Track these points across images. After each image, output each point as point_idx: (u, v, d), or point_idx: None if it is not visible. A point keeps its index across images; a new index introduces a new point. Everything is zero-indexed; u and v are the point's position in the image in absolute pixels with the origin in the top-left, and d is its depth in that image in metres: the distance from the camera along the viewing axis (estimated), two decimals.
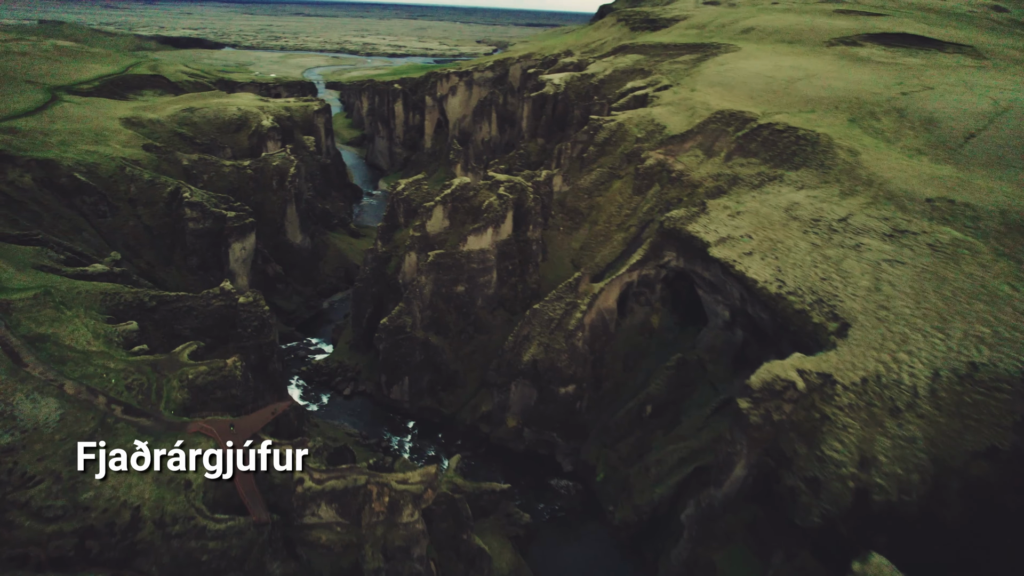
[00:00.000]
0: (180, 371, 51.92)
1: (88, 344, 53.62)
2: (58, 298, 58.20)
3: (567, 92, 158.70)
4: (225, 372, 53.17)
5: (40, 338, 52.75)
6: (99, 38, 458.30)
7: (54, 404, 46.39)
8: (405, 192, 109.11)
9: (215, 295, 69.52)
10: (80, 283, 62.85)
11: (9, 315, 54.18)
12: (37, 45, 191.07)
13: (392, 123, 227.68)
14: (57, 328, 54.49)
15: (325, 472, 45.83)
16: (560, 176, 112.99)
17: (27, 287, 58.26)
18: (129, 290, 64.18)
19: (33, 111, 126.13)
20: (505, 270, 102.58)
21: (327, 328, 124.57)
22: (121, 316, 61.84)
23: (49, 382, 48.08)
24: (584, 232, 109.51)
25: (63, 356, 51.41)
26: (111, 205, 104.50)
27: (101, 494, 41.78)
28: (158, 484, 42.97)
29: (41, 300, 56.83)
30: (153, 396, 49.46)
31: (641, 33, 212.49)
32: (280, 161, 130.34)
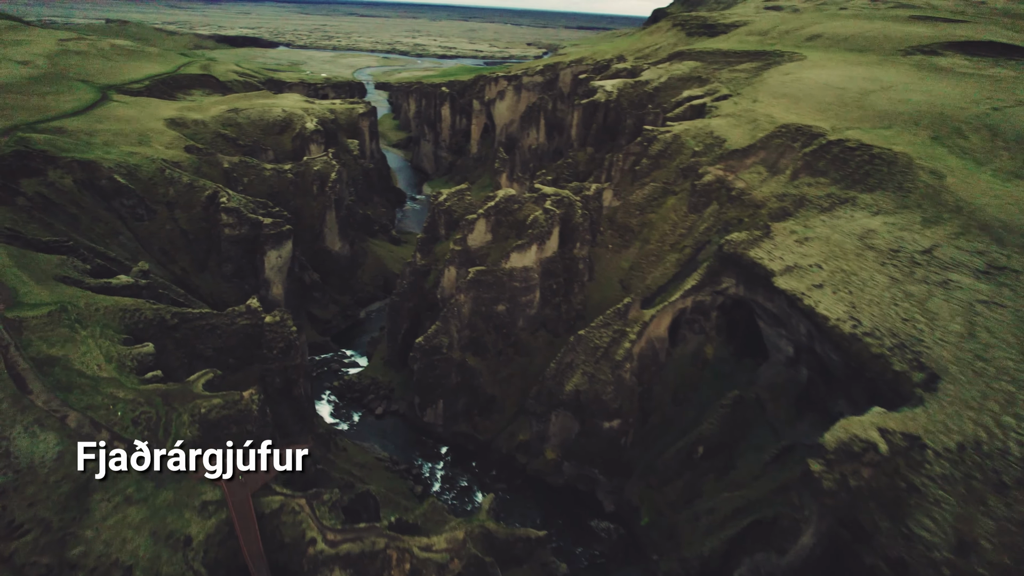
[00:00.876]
0: (192, 404, 47.68)
1: (99, 369, 49.85)
2: (74, 315, 54.76)
3: (619, 100, 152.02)
4: (240, 406, 48.74)
5: (50, 360, 49.16)
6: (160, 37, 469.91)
7: (53, 440, 42.48)
8: (447, 203, 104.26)
9: (240, 313, 65.63)
10: (100, 298, 59.51)
11: (21, 334, 50.80)
12: (95, 44, 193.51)
13: (438, 127, 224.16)
14: (69, 350, 50.90)
15: (340, 532, 40.79)
16: (611, 190, 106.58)
17: (44, 303, 55.01)
18: (150, 307, 60.63)
19: (81, 110, 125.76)
20: (549, 289, 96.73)
21: (362, 340, 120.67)
22: (140, 335, 58.21)
23: (52, 413, 44.29)
24: (634, 251, 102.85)
25: (71, 382, 47.66)
26: (149, 208, 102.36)
27: (91, 550, 37.49)
28: (154, 539, 38.52)
29: (56, 318, 53.42)
30: (160, 432, 45.22)
31: (698, 39, 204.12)
32: (321, 166, 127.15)
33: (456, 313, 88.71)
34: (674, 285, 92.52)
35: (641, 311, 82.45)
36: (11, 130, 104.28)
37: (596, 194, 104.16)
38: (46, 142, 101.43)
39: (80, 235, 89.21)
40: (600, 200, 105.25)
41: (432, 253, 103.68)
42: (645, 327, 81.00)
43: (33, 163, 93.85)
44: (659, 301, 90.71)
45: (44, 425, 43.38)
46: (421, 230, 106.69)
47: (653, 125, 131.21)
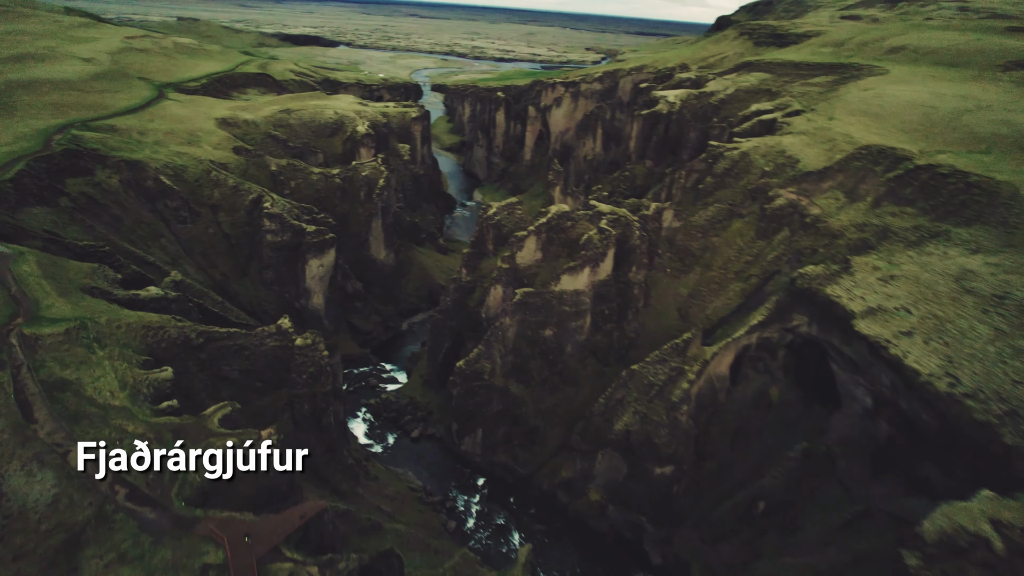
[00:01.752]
0: (205, 443, 43.38)
1: (111, 396, 46.07)
2: (93, 333, 51.32)
3: (682, 111, 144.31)
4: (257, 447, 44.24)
5: (61, 385, 45.62)
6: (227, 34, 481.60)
7: (50, 480, 38.61)
8: (496, 216, 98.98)
9: (270, 334, 61.56)
10: (125, 313, 56.18)
11: (35, 353, 47.50)
12: (158, 42, 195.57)
13: (492, 132, 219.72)
14: (83, 373, 47.33)
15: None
16: (671, 210, 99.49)
17: (64, 318, 51.77)
18: (175, 324, 57.07)
19: (136, 108, 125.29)
20: (600, 315, 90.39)
21: (403, 353, 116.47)
22: (162, 356, 54.57)
23: (54, 448, 40.55)
24: (695, 277, 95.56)
25: (80, 411, 43.96)
26: (192, 211, 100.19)
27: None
28: None
29: (74, 336, 50.04)
30: (167, 477, 40.97)
31: (767, 49, 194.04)
32: (370, 171, 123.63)
33: (500, 337, 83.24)
34: (737, 318, 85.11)
35: (702, 348, 75.37)
36: (66, 127, 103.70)
37: (656, 214, 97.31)
38: (97, 140, 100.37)
39: (121, 237, 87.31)
40: (660, 221, 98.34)
41: (478, 269, 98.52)
42: (706, 366, 73.93)
43: (82, 162, 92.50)
44: (720, 335, 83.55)
45: (43, 462, 39.59)
46: (469, 243, 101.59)
47: (718, 140, 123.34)
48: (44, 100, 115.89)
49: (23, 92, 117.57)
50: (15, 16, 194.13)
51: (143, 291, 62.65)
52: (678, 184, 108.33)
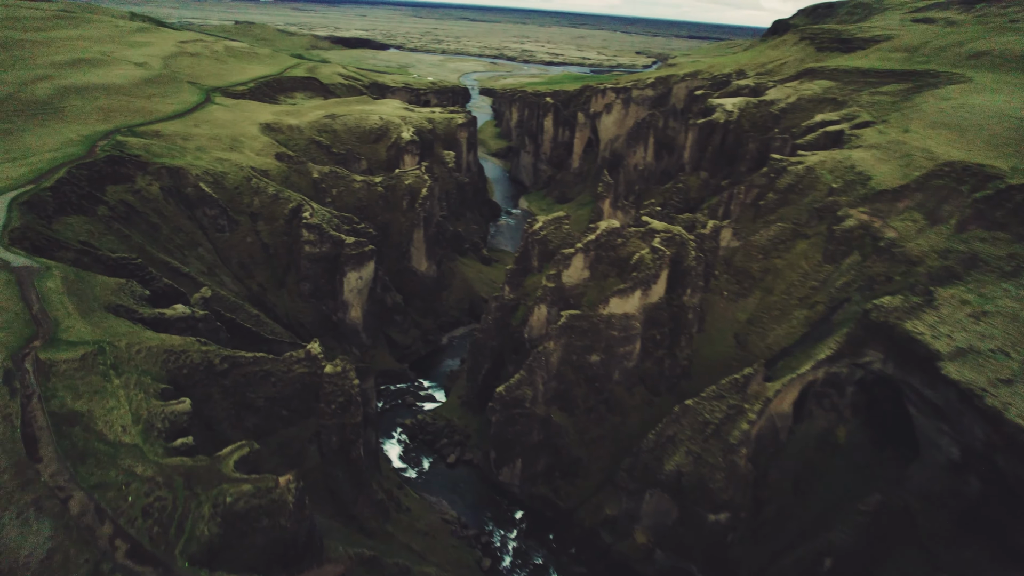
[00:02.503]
0: (217, 490, 39.61)
1: (122, 431, 42.75)
2: (111, 359, 48.28)
3: (740, 121, 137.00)
4: (274, 495, 40.26)
5: (71, 418, 42.55)
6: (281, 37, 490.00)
7: (47, 531, 35.24)
8: (542, 231, 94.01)
9: (298, 360, 57.92)
10: (147, 335, 53.18)
11: (47, 381, 44.59)
12: (210, 46, 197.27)
13: (540, 138, 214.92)
14: (95, 404, 44.20)
15: None
16: (730, 229, 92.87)
17: (82, 341, 48.92)
18: (199, 348, 53.84)
19: (182, 113, 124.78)
20: (651, 340, 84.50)
21: (442, 369, 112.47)
22: (183, 383, 51.30)
23: (55, 492, 37.28)
24: (754, 301, 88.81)
25: (87, 449, 40.73)
26: (231, 219, 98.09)
27: None
28: None
29: (90, 362, 47.06)
30: (173, 529, 37.24)
31: (830, 54, 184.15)
32: (413, 180, 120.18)
33: (543, 363, 78.15)
34: (801, 349, 78.13)
35: (764, 384, 68.86)
36: (111, 133, 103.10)
37: (713, 232, 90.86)
38: (141, 146, 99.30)
39: (157, 247, 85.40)
40: (717, 240, 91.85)
41: (522, 287, 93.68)
42: (768, 404, 67.44)
43: (124, 169, 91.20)
44: (782, 367, 76.72)
45: (42, 509, 36.28)
46: (513, 260, 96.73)
47: (780, 153, 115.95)
48: (94, 105, 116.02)
49: (75, 97, 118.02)
50: (80, 21, 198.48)
51: (169, 310, 59.71)
52: (737, 200, 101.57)
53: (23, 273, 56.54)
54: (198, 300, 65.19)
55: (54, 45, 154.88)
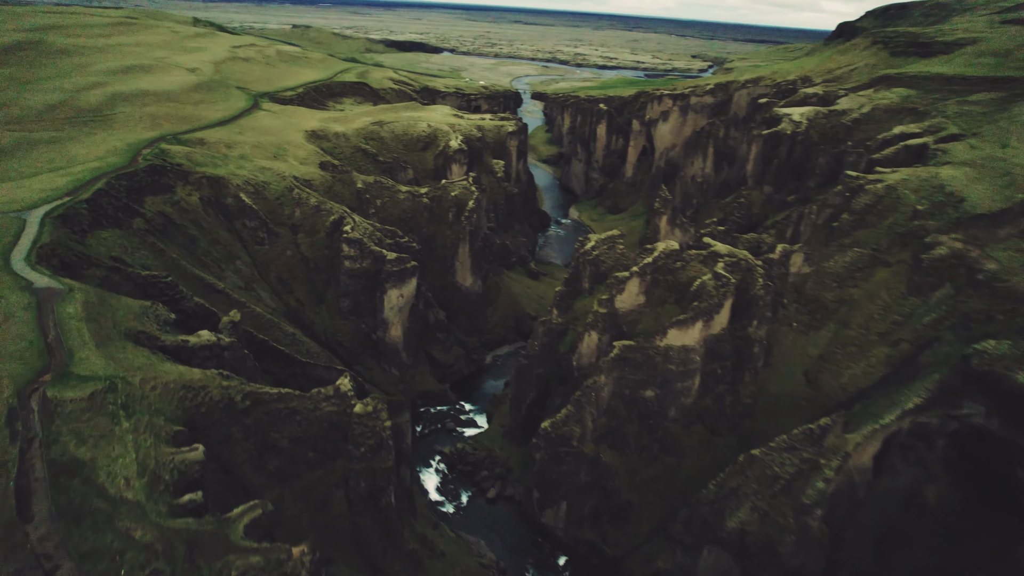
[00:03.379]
0: (223, 562, 34.99)
1: (125, 486, 38.60)
2: (123, 397, 44.41)
3: (808, 132, 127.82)
4: (286, 568, 35.45)
5: (72, 467, 38.66)
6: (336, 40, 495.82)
7: None
8: (595, 251, 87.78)
9: (326, 397, 53.28)
10: (165, 368, 49.31)
11: (52, 423, 40.88)
12: (262, 51, 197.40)
13: (592, 146, 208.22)
14: (100, 451, 40.24)
15: None
16: (801, 254, 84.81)
17: (93, 376, 45.20)
18: (220, 384, 49.72)
19: (228, 120, 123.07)
20: (712, 375, 77.36)
21: (485, 391, 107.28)
22: (201, 423, 47.17)
23: (41, 559, 33.15)
24: (827, 335, 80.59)
25: (84, 506, 36.67)
26: (271, 231, 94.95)
27: None
28: None
29: (99, 402, 43.24)
30: None
31: (907, 59, 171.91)
32: (460, 191, 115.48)
33: (593, 398, 71.96)
34: (883, 393, 69.74)
35: (843, 437, 61.11)
36: (156, 141, 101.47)
37: (783, 258, 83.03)
38: (183, 155, 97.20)
39: (193, 261, 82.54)
40: (787, 266, 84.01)
41: (572, 310, 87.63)
42: (847, 460, 59.77)
43: (164, 179, 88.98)
44: (860, 411, 68.64)
45: None
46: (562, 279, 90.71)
47: (855, 168, 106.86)
48: (142, 112, 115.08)
49: (124, 104, 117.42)
50: (141, 28, 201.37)
51: (193, 337, 55.91)
52: (807, 220, 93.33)
53: (44, 296, 53.45)
54: (226, 324, 61.30)
55: (112, 51, 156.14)
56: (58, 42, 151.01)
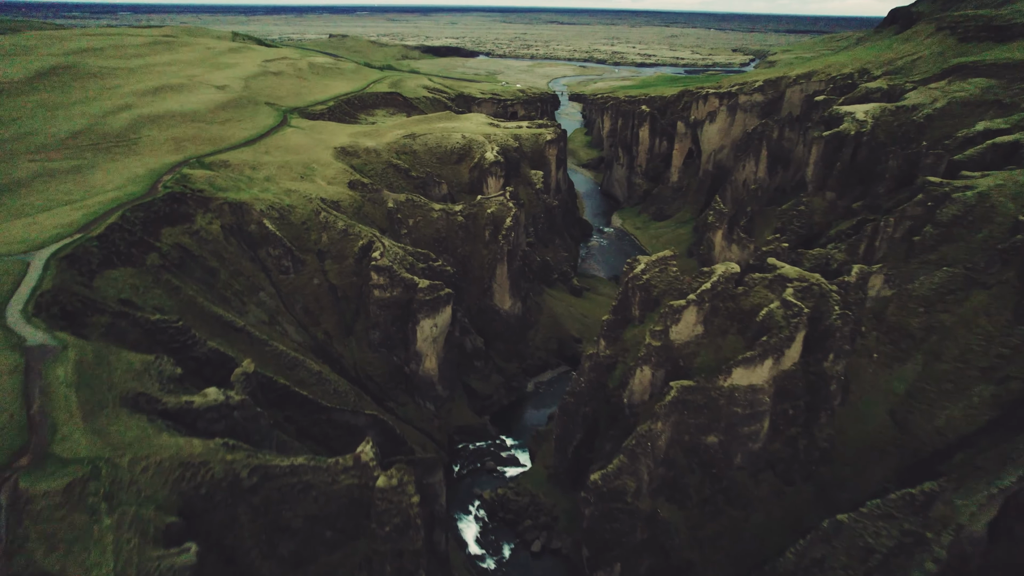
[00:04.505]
0: None
1: None
2: (107, 484, 38.38)
3: (875, 132, 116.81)
4: None
5: None
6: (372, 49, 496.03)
7: None
8: (645, 275, 79.42)
9: (345, 468, 46.55)
10: (161, 442, 43.23)
11: (19, 524, 35.05)
12: (294, 64, 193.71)
13: (635, 150, 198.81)
14: (72, 559, 34.19)
15: None
16: (881, 276, 74.90)
17: (76, 459, 39.40)
18: (223, 458, 43.50)
19: (254, 139, 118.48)
20: (782, 415, 68.36)
21: (526, 422, 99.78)
22: (200, 507, 40.91)
23: None
24: (915, 368, 70.63)
25: None
26: (296, 259, 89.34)
27: None
28: None
29: (78, 492, 37.29)
30: None
31: (979, 45, 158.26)
32: (496, 208, 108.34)
33: (648, 448, 63.78)
34: (991, 441, 59.88)
35: (953, 504, 51.68)
36: (178, 165, 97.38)
37: (860, 280, 73.33)
38: (205, 180, 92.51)
39: (212, 296, 77.32)
40: (865, 289, 74.26)
41: (621, 340, 79.44)
42: (960, 532, 50.37)
43: (183, 207, 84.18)
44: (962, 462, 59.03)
45: None
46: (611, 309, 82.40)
47: (933, 172, 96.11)
48: (167, 135, 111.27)
49: (149, 127, 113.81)
50: (177, 45, 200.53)
51: (199, 396, 49.85)
52: (884, 235, 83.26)
53: (34, 356, 48.11)
54: (239, 377, 55.18)
55: (143, 72, 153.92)
56: (91, 65, 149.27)
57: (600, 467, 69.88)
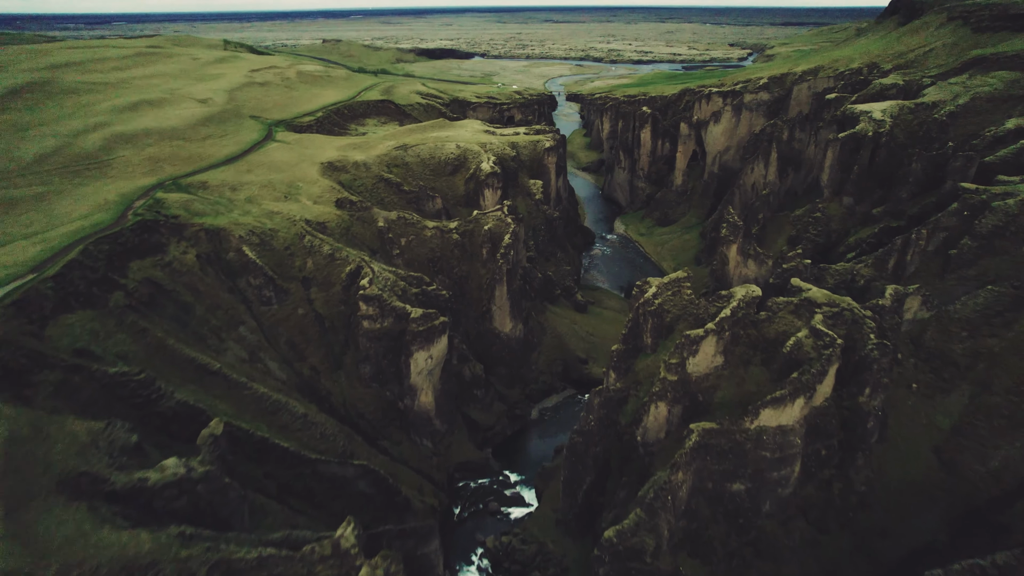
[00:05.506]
0: None
1: None
2: None
3: (894, 132, 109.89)
4: None
5: None
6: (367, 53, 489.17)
7: None
8: (657, 300, 72.72)
9: (322, 557, 39.86)
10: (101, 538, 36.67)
11: None
12: (281, 73, 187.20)
13: (636, 153, 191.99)
14: None
15: None
16: (918, 298, 68.11)
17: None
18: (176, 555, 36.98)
19: (236, 156, 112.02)
20: (815, 456, 61.68)
21: (532, 456, 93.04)
22: None
23: None
24: (960, 400, 63.90)
25: None
26: (278, 289, 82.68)
27: None
28: None
29: None
30: None
31: (997, 35, 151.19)
32: (493, 224, 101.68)
33: (668, 502, 57.10)
34: None
35: None
36: (153, 189, 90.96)
37: (895, 302, 66.46)
38: (180, 204, 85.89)
39: (186, 334, 70.78)
40: (900, 312, 67.44)
41: (632, 372, 72.74)
42: None
43: (155, 236, 77.61)
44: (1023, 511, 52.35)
45: None
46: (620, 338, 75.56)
47: (962, 176, 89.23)
48: (142, 155, 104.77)
49: (124, 147, 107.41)
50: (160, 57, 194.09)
51: (154, 472, 43.25)
52: (915, 248, 76.43)
53: None
54: (205, 440, 48.59)
55: (123, 87, 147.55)
56: (67, 81, 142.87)
57: (614, 516, 63.44)
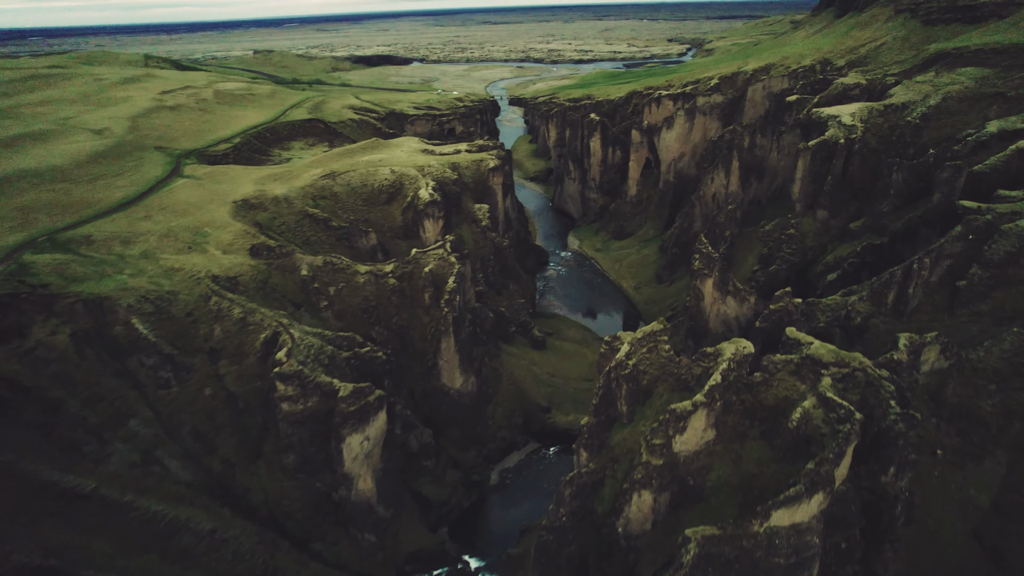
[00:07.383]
0: None
1: None
2: None
3: (866, 138, 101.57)
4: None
5: None
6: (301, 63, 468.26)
7: None
8: (630, 361, 61.36)
9: None
10: None
11: None
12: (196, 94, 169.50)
13: (586, 162, 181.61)
14: None
15: None
16: (937, 346, 58.35)
17: None
18: None
19: (133, 199, 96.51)
20: (834, 551, 51.22)
21: (494, 534, 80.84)
22: None
23: None
24: (997, 468, 54.42)
25: None
26: (178, 366, 68.46)
27: None
28: None
29: None
30: None
31: (949, 28, 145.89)
32: (435, 264, 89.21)
33: None
34: None
35: None
36: (17, 250, 75.21)
37: (912, 356, 56.52)
38: (53, 268, 70.94)
39: (49, 446, 56.23)
40: (916, 366, 57.57)
41: (607, 448, 61.25)
42: None
43: (13, 315, 62.49)
44: None
45: None
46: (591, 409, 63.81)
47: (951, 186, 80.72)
48: (13, 204, 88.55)
49: None
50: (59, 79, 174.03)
51: None
52: (918, 279, 67.05)
53: None
54: None
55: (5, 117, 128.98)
56: None
57: None
